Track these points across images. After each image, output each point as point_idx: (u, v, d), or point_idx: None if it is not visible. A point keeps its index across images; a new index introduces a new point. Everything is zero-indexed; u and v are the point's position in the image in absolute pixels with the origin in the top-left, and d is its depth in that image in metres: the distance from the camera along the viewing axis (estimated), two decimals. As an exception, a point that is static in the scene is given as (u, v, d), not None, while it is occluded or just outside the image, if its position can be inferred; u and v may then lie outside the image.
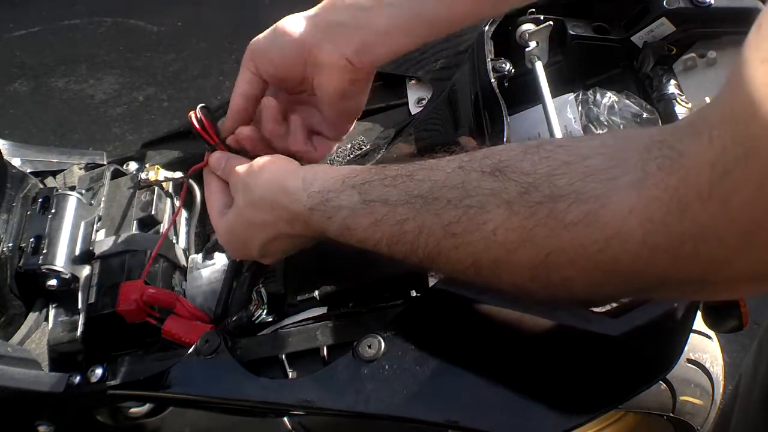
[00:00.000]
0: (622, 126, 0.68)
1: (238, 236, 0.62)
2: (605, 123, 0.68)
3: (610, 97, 0.69)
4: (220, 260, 0.75)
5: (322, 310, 0.64)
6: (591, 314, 0.50)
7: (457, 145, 0.70)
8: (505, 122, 0.64)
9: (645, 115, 0.67)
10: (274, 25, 0.64)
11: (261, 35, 0.65)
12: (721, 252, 0.35)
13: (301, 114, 0.68)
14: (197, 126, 0.66)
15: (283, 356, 0.60)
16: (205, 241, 0.78)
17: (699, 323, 0.61)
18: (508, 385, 0.52)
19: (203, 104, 0.68)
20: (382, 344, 0.55)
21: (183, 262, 0.75)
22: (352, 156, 0.78)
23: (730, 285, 0.40)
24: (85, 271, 0.73)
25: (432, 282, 0.59)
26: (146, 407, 0.74)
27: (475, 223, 0.44)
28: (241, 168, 0.62)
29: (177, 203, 0.78)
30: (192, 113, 0.67)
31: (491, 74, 0.69)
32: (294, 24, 0.63)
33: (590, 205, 0.39)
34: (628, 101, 0.68)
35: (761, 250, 0.34)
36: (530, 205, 0.42)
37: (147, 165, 0.80)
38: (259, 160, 0.61)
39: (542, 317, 0.52)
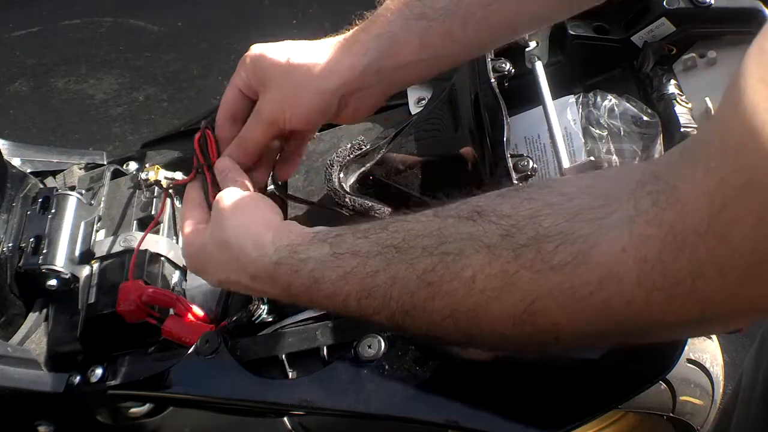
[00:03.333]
0: (621, 129, 0.68)
1: (199, 262, 0.60)
2: (605, 125, 0.68)
3: (610, 100, 0.69)
4: (220, 260, 0.74)
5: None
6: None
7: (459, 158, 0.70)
8: (505, 122, 0.64)
9: (645, 118, 0.67)
10: (297, 73, 0.61)
11: (277, 80, 0.62)
12: (722, 288, 0.33)
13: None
14: (198, 148, 0.67)
15: (283, 356, 0.60)
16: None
17: (699, 323, 0.61)
18: (508, 385, 0.52)
19: (206, 122, 0.68)
20: (382, 344, 0.55)
21: (183, 262, 0.75)
22: (352, 156, 0.78)
23: (728, 321, 0.39)
24: (85, 271, 0.73)
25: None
26: (146, 407, 0.74)
27: (452, 270, 0.42)
28: (229, 195, 0.59)
29: (177, 203, 0.78)
30: (198, 136, 0.67)
31: (491, 74, 0.69)
32: (324, 86, 0.61)
33: (579, 245, 0.37)
34: (628, 104, 0.68)
35: (763, 284, 0.32)
36: (513, 248, 0.40)
37: (147, 165, 0.80)
38: (245, 200, 0.59)
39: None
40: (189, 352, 0.62)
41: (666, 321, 0.37)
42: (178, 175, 0.72)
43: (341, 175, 0.75)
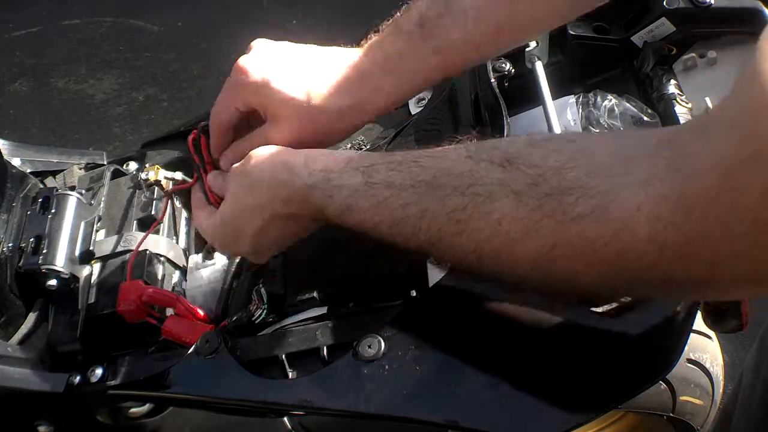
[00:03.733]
0: (621, 129, 0.68)
1: (229, 226, 0.60)
2: (605, 126, 0.68)
3: (610, 100, 0.69)
4: (220, 260, 0.75)
5: (322, 310, 0.64)
6: (591, 314, 0.50)
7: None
8: (505, 122, 0.64)
9: (645, 118, 0.67)
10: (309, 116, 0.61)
11: (286, 113, 0.61)
12: (728, 251, 0.36)
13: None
14: (193, 150, 0.67)
15: (283, 356, 0.60)
16: (205, 241, 0.78)
17: (699, 323, 0.61)
18: (508, 385, 0.52)
19: (203, 125, 0.68)
20: (382, 344, 0.55)
21: (183, 262, 0.75)
22: (352, 156, 0.78)
23: (734, 286, 0.41)
24: (85, 271, 0.73)
25: (432, 282, 0.59)
26: (146, 407, 0.74)
27: (481, 211, 0.45)
28: (239, 163, 0.61)
29: (177, 203, 0.78)
30: (191, 137, 0.67)
31: (491, 74, 0.69)
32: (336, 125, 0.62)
33: (598, 200, 0.40)
34: (628, 104, 0.68)
35: (766, 252, 0.34)
36: (539, 196, 0.42)
37: (147, 165, 0.80)
38: (257, 150, 0.60)
39: (542, 311, 0.52)
40: (189, 352, 0.62)
41: (675, 278, 0.39)
42: (178, 175, 0.72)
43: (341, 175, 0.75)
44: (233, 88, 0.63)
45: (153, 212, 0.76)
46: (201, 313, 0.69)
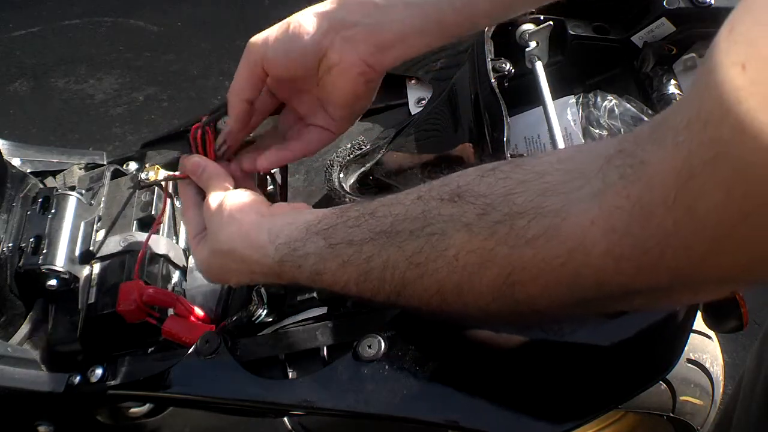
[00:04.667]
0: (621, 129, 0.68)
1: (214, 273, 0.62)
2: (605, 126, 0.68)
3: (610, 100, 0.69)
4: (220, 260, 0.74)
5: (322, 310, 0.64)
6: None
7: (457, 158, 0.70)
8: (505, 123, 0.64)
9: (645, 118, 0.67)
10: (285, 24, 0.61)
11: (269, 35, 0.62)
12: (688, 259, 0.35)
13: (301, 107, 0.67)
14: (194, 145, 0.67)
15: (283, 356, 0.60)
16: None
17: (699, 323, 0.61)
18: (508, 385, 0.52)
19: (210, 118, 0.67)
20: (382, 344, 0.55)
21: (183, 262, 0.75)
22: (352, 156, 0.78)
23: (699, 289, 0.40)
24: (85, 271, 0.73)
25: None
26: (146, 407, 0.74)
27: (437, 250, 0.44)
28: (213, 202, 0.61)
29: (177, 203, 0.78)
30: (195, 132, 0.67)
31: (491, 74, 0.69)
32: (307, 22, 0.60)
33: (550, 219, 0.39)
34: (628, 104, 0.68)
35: (729, 255, 0.33)
36: (489, 225, 0.42)
37: (147, 165, 0.80)
38: (227, 202, 0.59)
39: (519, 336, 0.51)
40: (189, 352, 0.62)
41: (636, 289, 0.38)
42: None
43: (341, 175, 0.76)
44: (249, 54, 0.62)
45: (153, 212, 0.75)
46: (201, 313, 0.69)
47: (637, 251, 0.36)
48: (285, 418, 0.85)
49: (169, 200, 0.76)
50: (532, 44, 0.72)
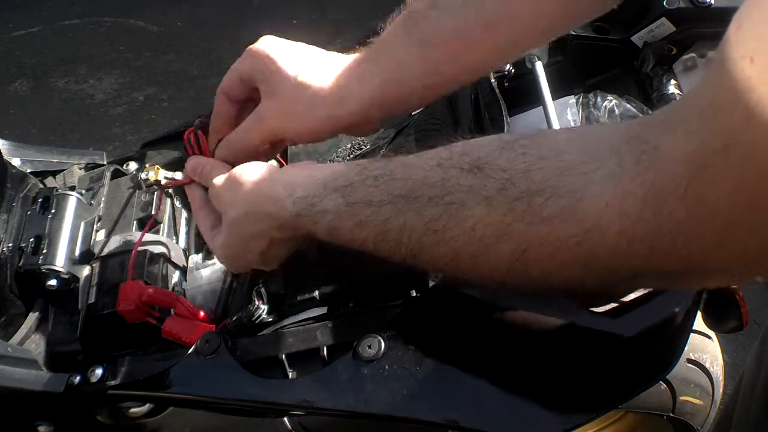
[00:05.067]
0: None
1: (235, 251, 0.62)
2: (605, 124, 0.68)
3: (610, 101, 0.69)
4: (220, 260, 0.74)
5: (322, 310, 0.64)
6: (590, 314, 0.50)
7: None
8: (505, 122, 0.64)
9: (645, 115, 0.68)
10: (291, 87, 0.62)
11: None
12: (699, 247, 0.36)
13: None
14: (189, 149, 0.68)
15: (283, 356, 0.60)
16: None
17: (699, 323, 0.61)
18: (508, 385, 0.52)
19: (200, 121, 0.68)
20: (382, 344, 0.55)
21: (183, 262, 0.75)
22: (351, 156, 0.78)
23: (709, 276, 0.41)
24: (85, 271, 0.73)
25: (432, 282, 0.59)
26: (146, 407, 0.74)
27: (455, 219, 0.45)
28: (219, 180, 0.62)
29: (177, 203, 0.78)
30: (187, 137, 0.68)
31: (491, 74, 0.69)
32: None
33: (567, 200, 0.40)
34: (628, 104, 0.68)
35: (739, 245, 0.34)
36: (508, 201, 0.42)
37: (147, 165, 0.80)
38: (237, 170, 0.61)
39: (540, 313, 0.52)
40: (189, 352, 0.62)
41: (649, 271, 0.39)
42: (178, 175, 0.72)
43: (341, 175, 0.75)
44: (240, 59, 0.65)
45: (153, 212, 0.76)
46: (201, 313, 0.69)
47: (649, 236, 0.37)
48: (285, 418, 0.85)
49: (168, 200, 0.76)
50: (532, 44, 0.72)
